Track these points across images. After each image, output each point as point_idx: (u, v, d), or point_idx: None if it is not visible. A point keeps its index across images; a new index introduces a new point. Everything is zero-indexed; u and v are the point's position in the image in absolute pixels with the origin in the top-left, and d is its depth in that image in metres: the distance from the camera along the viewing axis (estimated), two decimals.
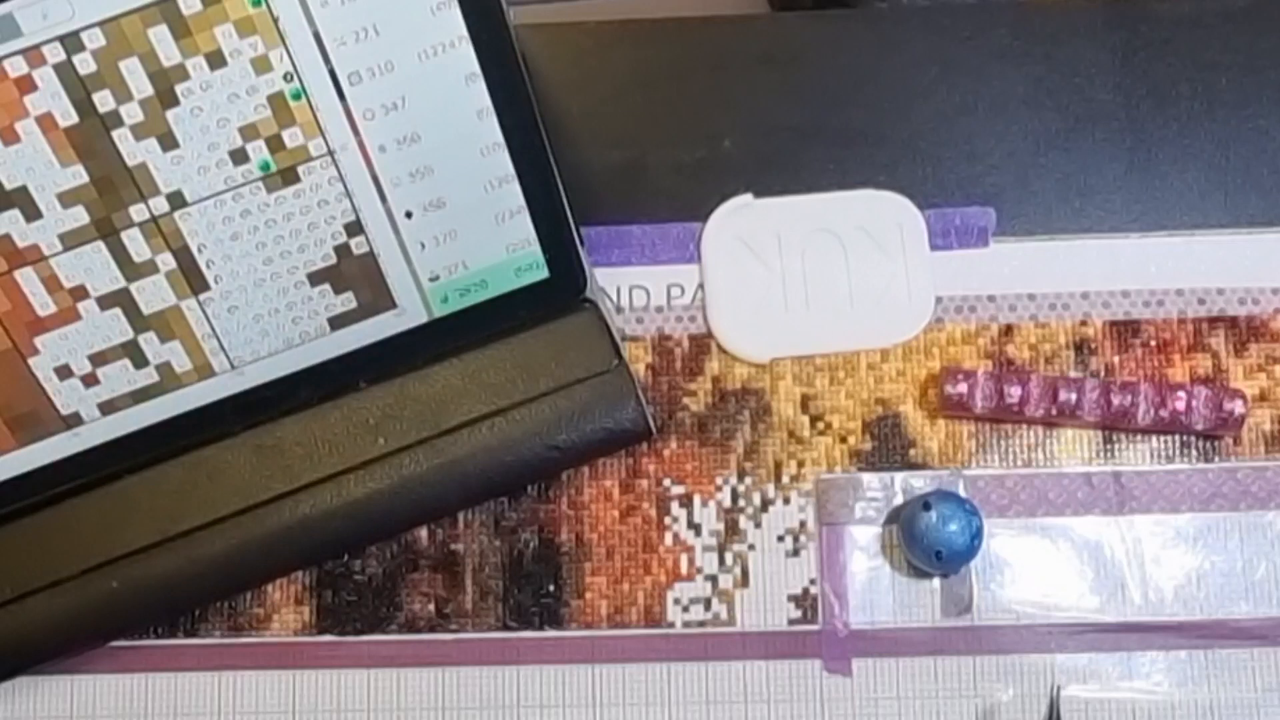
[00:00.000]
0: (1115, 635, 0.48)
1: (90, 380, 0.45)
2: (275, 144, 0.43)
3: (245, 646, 0.49)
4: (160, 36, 0.41)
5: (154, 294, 0.44)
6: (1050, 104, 0.51)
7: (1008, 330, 0.50)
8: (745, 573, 0.49)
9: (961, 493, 0.49)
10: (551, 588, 0.49)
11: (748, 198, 0.51)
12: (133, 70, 0.41)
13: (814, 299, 0.50)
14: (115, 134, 0.42)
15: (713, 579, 0.49)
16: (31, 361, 0.45)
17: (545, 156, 0.45)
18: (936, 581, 0.49)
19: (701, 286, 0.51)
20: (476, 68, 0.43)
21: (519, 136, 0.45)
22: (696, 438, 0.50)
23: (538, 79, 0.46)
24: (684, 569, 0.49)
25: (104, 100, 0.41)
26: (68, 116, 0.41)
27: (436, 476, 0.48)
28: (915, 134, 0.51)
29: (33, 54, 0.40)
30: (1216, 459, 0.49)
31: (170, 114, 0.42)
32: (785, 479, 0.50)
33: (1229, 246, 0.50)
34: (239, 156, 0.43)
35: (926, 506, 0.47)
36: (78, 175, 0.42)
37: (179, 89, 0.41)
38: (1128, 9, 0.52)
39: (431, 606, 0.49)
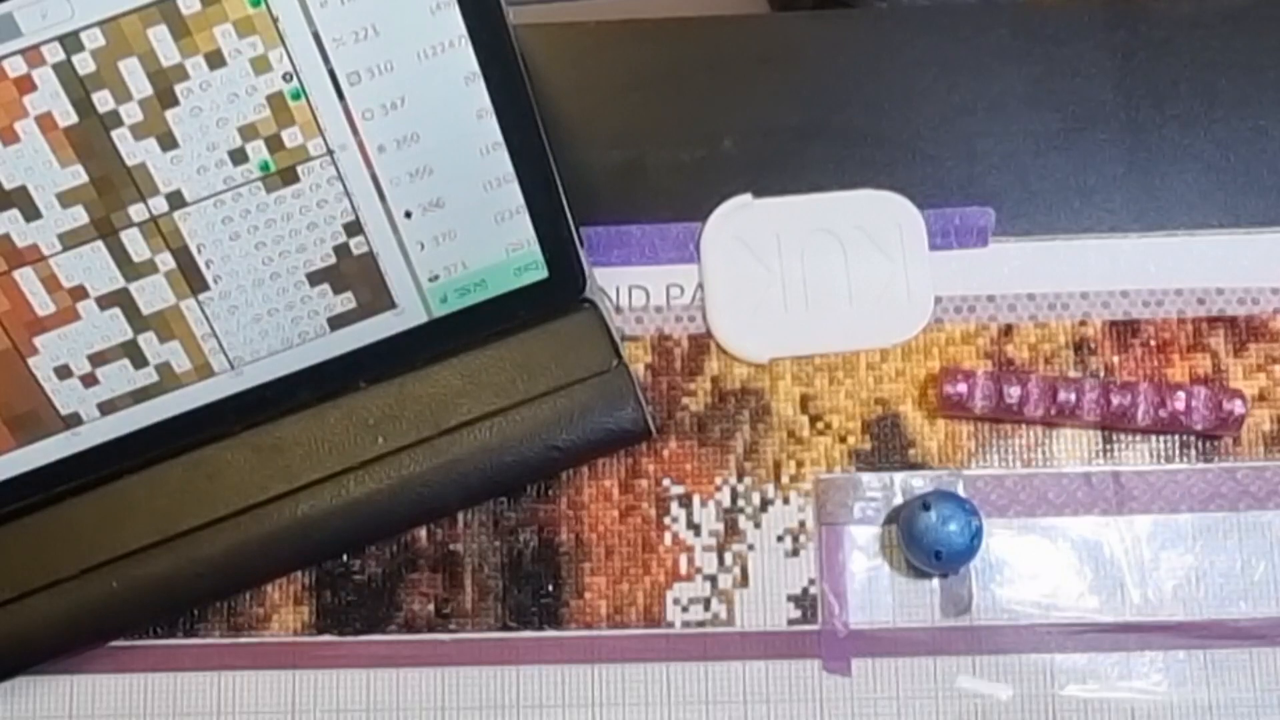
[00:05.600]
0: (1114, 635, 0.48)
1: (90, 380, 0.45)
2: (274, 144, 0.43)
3: (244, 646, 0.49)
4: (160, 36, 0.40)
5: (153, 294, 0.44)
6: (1050, 104, 0.51)
7: (1007, 330, 0.50)
8: (745, 573, 0.49)
9: (961, 493, 0.49)
10: (551, 588, 0.49)
11: (747, 198, 0.51)
12: (132, 70, 0.41)
13: (813, 299, 0.50)
14: (114, 134, 0.42)
15: (712, 579, 0.49)
16: (31, 361, 0.45)
17: (545, 156, 0.45)
18: (936, 582, 0.49)
19: (701, 286, 0.51)
20: (476, 68, 0.43)
21: (518, 136, 0.45)
22: (696, 438, 0.50)
23: (538, 79, 0.46)
24: (683, 569, 0.49)
25: (103, 100, 0.41)
26: (67, 116, 0.41)
27: (436, 476, 0.48)
28: (915, 134, 0.51)
29: (32, 54, 0.40)
30: (1216, 459, 0.49)
31: (170, 114, 0.42)
32: (785, 479, 0.50)
33: (1228, 246, 0.50)
34: (238, 156, 0.43)
35: (926, 506, 0.47)
36: (77, 175, 0.42)
37: (178, 89, 0.41)
38: (1128, 9, 0.52)
39: (431, 606, 0.49)
